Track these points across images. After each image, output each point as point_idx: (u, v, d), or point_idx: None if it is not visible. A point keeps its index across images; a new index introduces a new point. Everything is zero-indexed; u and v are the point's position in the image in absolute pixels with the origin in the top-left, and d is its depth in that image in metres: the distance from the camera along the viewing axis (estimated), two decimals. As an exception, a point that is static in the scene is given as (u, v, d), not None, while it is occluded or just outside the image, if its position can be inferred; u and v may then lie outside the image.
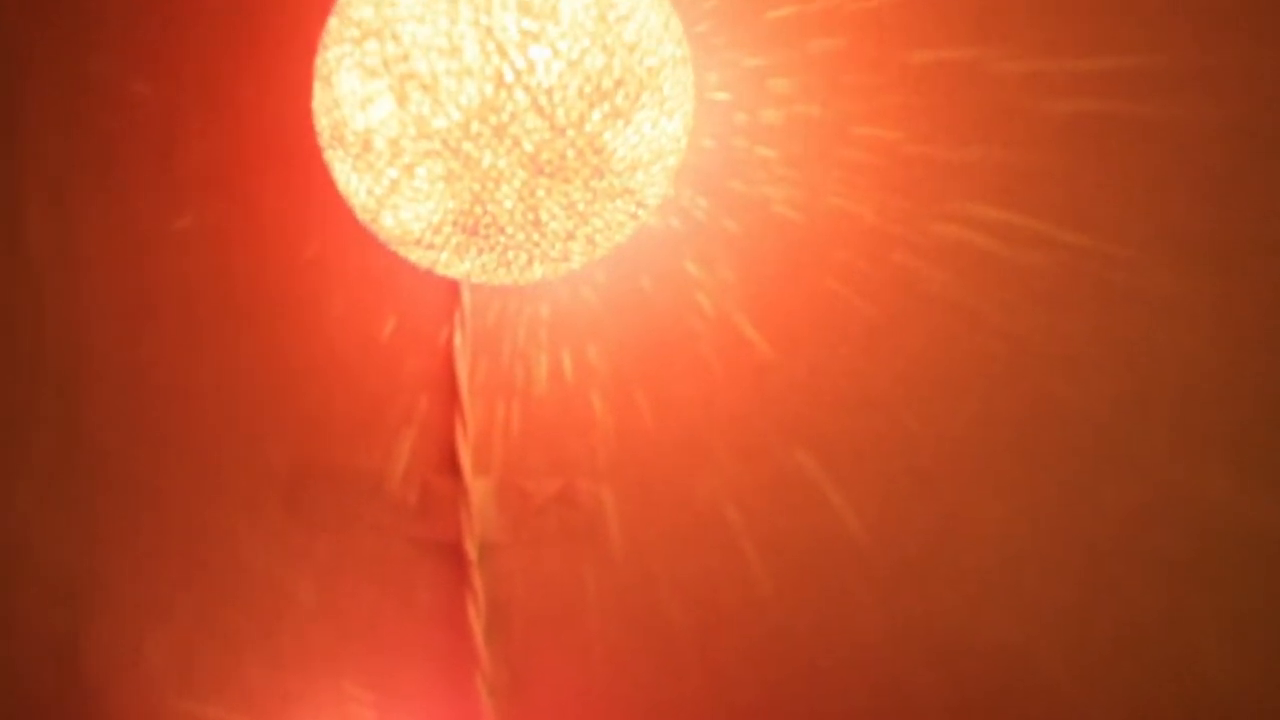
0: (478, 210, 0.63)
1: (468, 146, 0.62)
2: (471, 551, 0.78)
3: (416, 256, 0.67)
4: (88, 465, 0.85)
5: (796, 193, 0.74)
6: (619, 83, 0.62)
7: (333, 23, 0.66)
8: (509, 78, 0.61)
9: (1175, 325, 0.71)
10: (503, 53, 0.61)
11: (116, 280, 0.84)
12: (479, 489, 0.78)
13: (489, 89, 0.61)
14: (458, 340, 0.77)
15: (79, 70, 0.83)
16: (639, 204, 0.66)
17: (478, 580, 0.79)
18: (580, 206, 0.64)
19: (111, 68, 0.82)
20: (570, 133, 0.62)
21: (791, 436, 0.75)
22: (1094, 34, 0.70)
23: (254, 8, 0.79)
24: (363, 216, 0.67)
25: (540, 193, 0.63)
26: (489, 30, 0.61)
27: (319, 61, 0.66)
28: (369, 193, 0.65)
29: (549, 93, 0.61)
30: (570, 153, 0.62)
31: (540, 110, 0.61)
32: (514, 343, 0.78)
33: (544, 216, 0.64)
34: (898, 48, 0.72)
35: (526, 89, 0.61)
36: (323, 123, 0.66)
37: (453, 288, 0.77)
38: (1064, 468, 0.73)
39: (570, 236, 0.65)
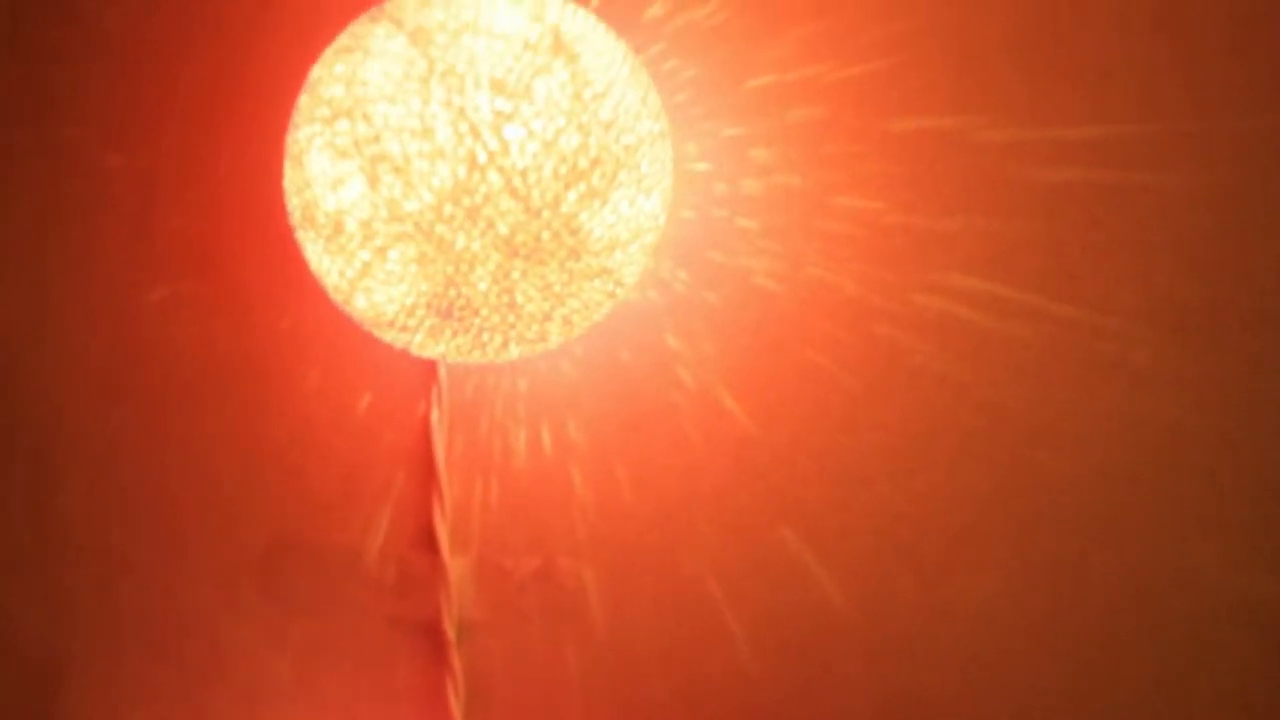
0: (451, 293, 0.62)
1: (441, 229, 0.61)
2: (450, 631, 0.77)
3: (390, 338, 0.66)
4: (60, 539, 0.84)
5: (777, 264, 0.73)
6: (595, 162, 0.62)
7: (303, 100, 0.65)
8: (482, 159, 0.60)
9: (1162, 397, 0.70)
10: (476, 134, 0.60)
11: (90, 352, 0.83)
12: (457, 567, 0.77)
13: (462, 171, 0.60)
14: (434, 415, 0.76)
15: (54, 141, 0.82)
16: (617, 283, 0.65)
17: (456, 660, 0.77)
18: (557, 288, 0.63)
19: (87, 139, 0.82)
20: (545, 214, 0.61)
21: (774, 510, 0.74)
22: (1077, 102, 0.70)
23: (229, 81, 0.79)
24: (335, 298, 0.66)
25: (515, 275, 0.62)
26: (461, 111, 0.60)
27: (289, 140, 0.65)
28: (341, 274, 0.64)
29: (523, 174, 0.60)
30: (546, 234, 0.61)
31: (514, 192, 0.60)
32: (492, 417, 0.77)
33: (519, 298, 0.63)
34: (879, 116, 0.72)
35: (500, 170, 0.60)
36: (293, 203, 0.65)
37: (430, 362, 0.76)
38: (1051, 541, 0.72)
39: (547, 318, 0.64)
